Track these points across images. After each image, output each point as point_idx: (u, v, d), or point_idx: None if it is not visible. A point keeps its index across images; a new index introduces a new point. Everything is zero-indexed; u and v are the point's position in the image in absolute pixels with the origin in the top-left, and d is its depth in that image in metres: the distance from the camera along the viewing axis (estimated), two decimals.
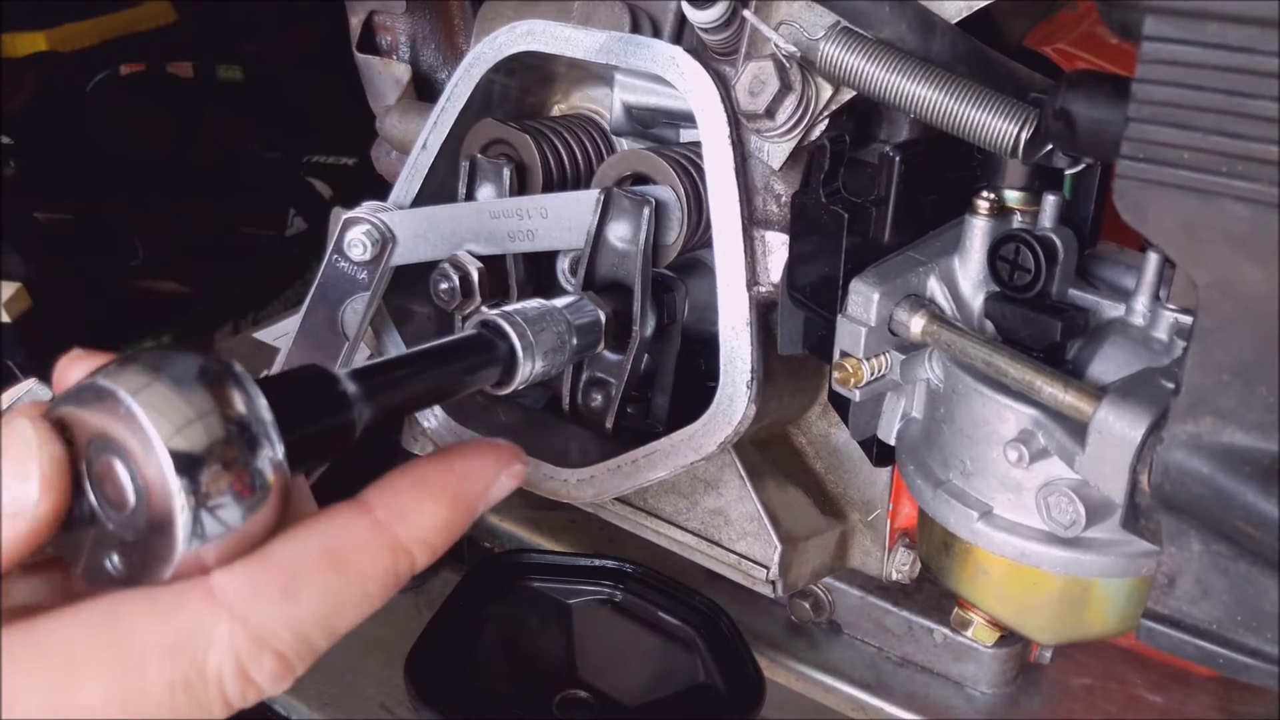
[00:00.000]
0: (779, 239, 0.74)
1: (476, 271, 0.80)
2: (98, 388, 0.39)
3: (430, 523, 0.45)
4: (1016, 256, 0.66)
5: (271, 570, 0.41)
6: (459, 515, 0.46)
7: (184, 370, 0.40)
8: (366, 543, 0.43)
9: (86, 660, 0.38)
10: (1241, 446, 0.50)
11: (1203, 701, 0.92)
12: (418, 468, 0.46)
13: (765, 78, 0.68)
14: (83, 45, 1.66)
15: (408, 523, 0.44)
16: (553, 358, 0.63)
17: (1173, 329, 0.63)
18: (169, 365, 0.40)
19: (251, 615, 0.41)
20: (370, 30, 1.00)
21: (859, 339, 0.68)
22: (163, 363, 0.40)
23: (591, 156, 0.84)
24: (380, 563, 0.44)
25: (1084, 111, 0.57)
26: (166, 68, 1.77)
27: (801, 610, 0.95)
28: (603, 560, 0.94)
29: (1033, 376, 0.61)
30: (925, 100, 0.64)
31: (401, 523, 0.44)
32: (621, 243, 0.75)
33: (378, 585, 0.44)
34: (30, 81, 1.61)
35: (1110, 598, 0.68)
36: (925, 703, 0.92)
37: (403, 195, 0.86)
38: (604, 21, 0.79)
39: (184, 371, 0.40)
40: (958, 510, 0.67)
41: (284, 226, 1.76)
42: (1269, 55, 0.43)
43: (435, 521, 0.45)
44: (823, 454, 0.90)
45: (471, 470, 0.47)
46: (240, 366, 0.41)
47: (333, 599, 0.42)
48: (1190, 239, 0.48)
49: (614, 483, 0.80)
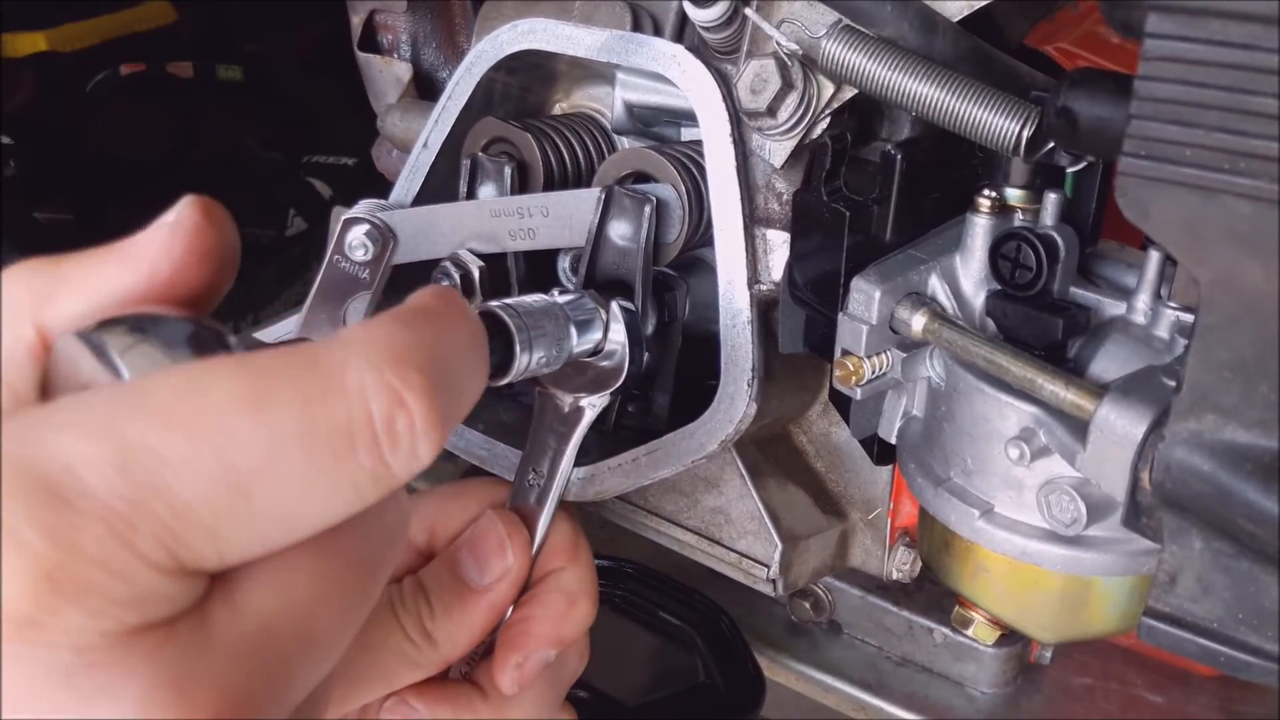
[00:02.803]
0: (780, 237, 0.74)
1: (477, 270, 0.80)
2: (89, 340, 0.39)
3: None
4: (1018, 255, 0.66)
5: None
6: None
7: (174, 334, 0.39)
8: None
9: (214, 369, 0.36)
10: (1243, 444, 0.50)
11: (1203, 701, 0.92)
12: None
13: (767, 76, 0.68)
14: (83, 45, 1.66)
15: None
16: (551, 352, 0.63)
17: (1174, 327, 0.63)
18: (158, 328, 0.39)
19: (376, 334, 0.38)
20: (371, 29, 1.00)
21: (860, 337, 0.68)
22: (152, 325, 0.39)
23: (593, 155, 0.84)
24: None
25: (1086, 109, 0.57)
26: (166, 68, 1.77)
27: (801, 610, 0.95)
28: (602, 560, 0.94)
29: (1034, 374, 0.61)
30: (927, 98, 0.64)
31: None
32: (622, 241, 0.75)
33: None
34: (30, 81, 1.61)
35: (1111, 596, 0.68)
36: (925, 703, 0.91)
37: (404, 194, 0.86)
38: (605, 20, 0.79)
39: (173, 335, 0.39)
40: (959, 509, 0.67)
41: (284, 226, 1.76)
42: (1270, 52, 0.43)
43: None
44: (823, 453, 0.90)
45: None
46: (234, 335, 0.40)
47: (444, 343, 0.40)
48: (1192, 236, 0.48)
49: (615, 481, 0.80)
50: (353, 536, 0.39)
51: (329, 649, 0.39)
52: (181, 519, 0.33)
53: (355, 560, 0.39)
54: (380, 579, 0.41)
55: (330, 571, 0.38)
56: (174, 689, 0.34)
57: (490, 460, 0.85)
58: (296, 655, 0.37)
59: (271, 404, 0.35)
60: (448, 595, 0.63)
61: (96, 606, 0.32)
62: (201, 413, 0.34)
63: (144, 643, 0.34)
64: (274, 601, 0.37)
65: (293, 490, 0.35)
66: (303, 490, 0.36)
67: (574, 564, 0.67)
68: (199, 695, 0.34)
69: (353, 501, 0.37)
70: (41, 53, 1.61)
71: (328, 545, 0.38)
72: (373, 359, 0.37)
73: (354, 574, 0.39)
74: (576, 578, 0.66)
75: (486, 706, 0.64)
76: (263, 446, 0.34)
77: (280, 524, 0.36)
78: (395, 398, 0.37)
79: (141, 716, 0.33)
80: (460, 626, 0.62)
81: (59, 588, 0.32)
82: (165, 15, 1.75)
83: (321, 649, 0.39)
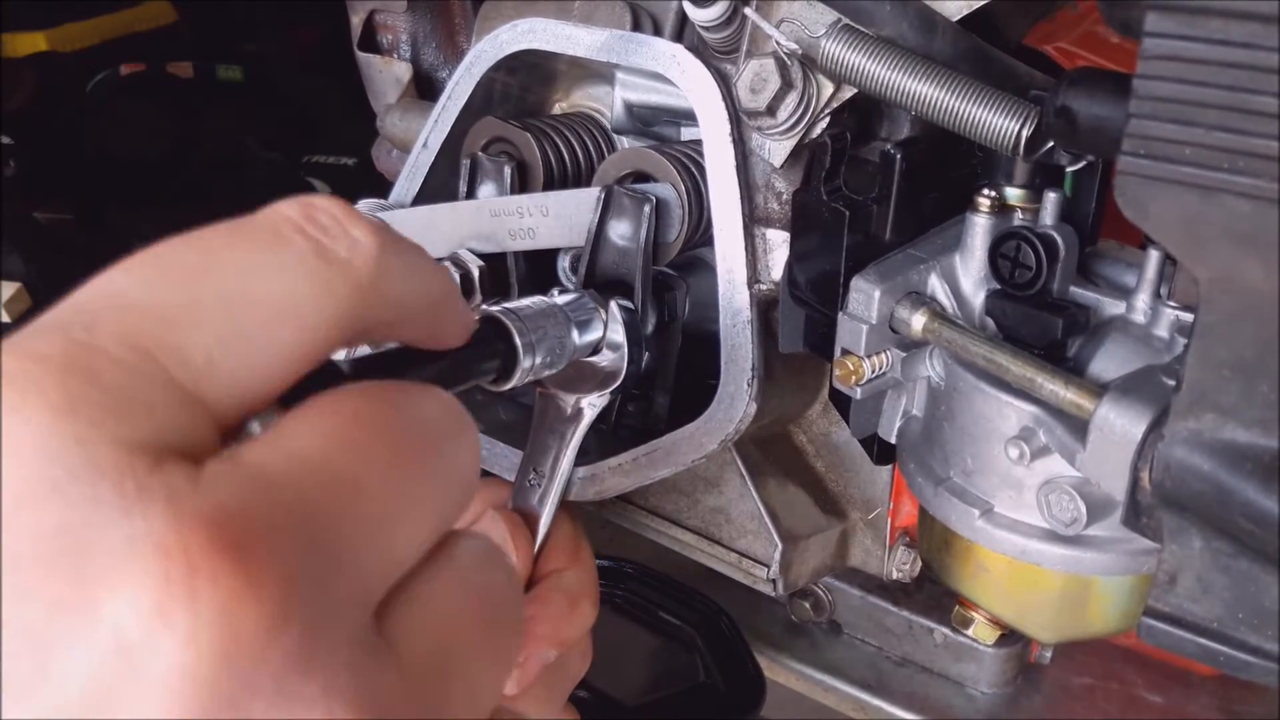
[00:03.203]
0: (780, 237, 0.74)
1: (477, 269, 0.80)
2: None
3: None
4: (1017, 254, 0.66)
5: None
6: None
7: None
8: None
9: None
10: (1242, 443, 0.50)
11: (1203, 701, 0.92)
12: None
13: (766, 75, 0.68)
14: (83, 45, 1.66)
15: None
16: (553, 354, 0.62)
17: (1173, 326, 0.63)
18: None
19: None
20: (371, 29, 1.00)
21: (860, 337, 0.68)
22: None
23: (592, 154, 0.84)
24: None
25: (1085, 108, 0.57)
26: (166, 68, 1.77)
27: (801, 610, 0.95)
28: (602, 560, 0.94)
29: (1034, 374, 0.61)
30: (926, 98, 0.64)
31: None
32: (622, 240, 0.75)
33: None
34: (30, 81, 1.61)
35: (1111, 595, 0.68)
36: (925, 703, 0.92)
37: (404, 194, 0.86)
38: (605, 20, 0.79)
39: None
40: (959, 508, 0.67)
41: None
42: (1270, 51, 0.43)
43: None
44: (823, 452, 0.90)
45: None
46: None
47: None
48: (1191, 235, 0.48)
49: (615, 481, 0.80)
50: (378, 401, 0.37)
51: (382, 511, 0.35)
52: (135, 311, 0.34)
53: (388, 423, 0.37)
54: (439, 462, 0.39)
55: (357, 428, 0.36)
56: (169, 506, 0.30)
57: (490, 460, 0.85)
58: (330, 500, 0.34)
59: (207, 237, 0.37)
60: None
61: (67, 410, 0.31)
62: (153, 259, 0.36)
63: (136, 459, 0.31)
64: (287, 446, 0.34)
65: (240, 273, 0.36)
66: (252, 271, 0.36)
67: (575, 564, 0.67)
68: (201, 517, 0.30)
69: (314, 282, 0.37)
70: (41, 53, 1.61)
71: (347, 402, 0.37)
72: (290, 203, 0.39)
73: (390, 435, 0.37)
74: (577, 578, 0.66)
75: None
76: (198, 252, 0.36)
77: (247, 308, 0.35)
78: (303, 205, 0.39)
79: (129, 529, 0.30)
80: None
81: (21, 395, 0.31)
82: (165, 15, 1.75)
83: (370, 508, 0.35)
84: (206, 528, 0.30)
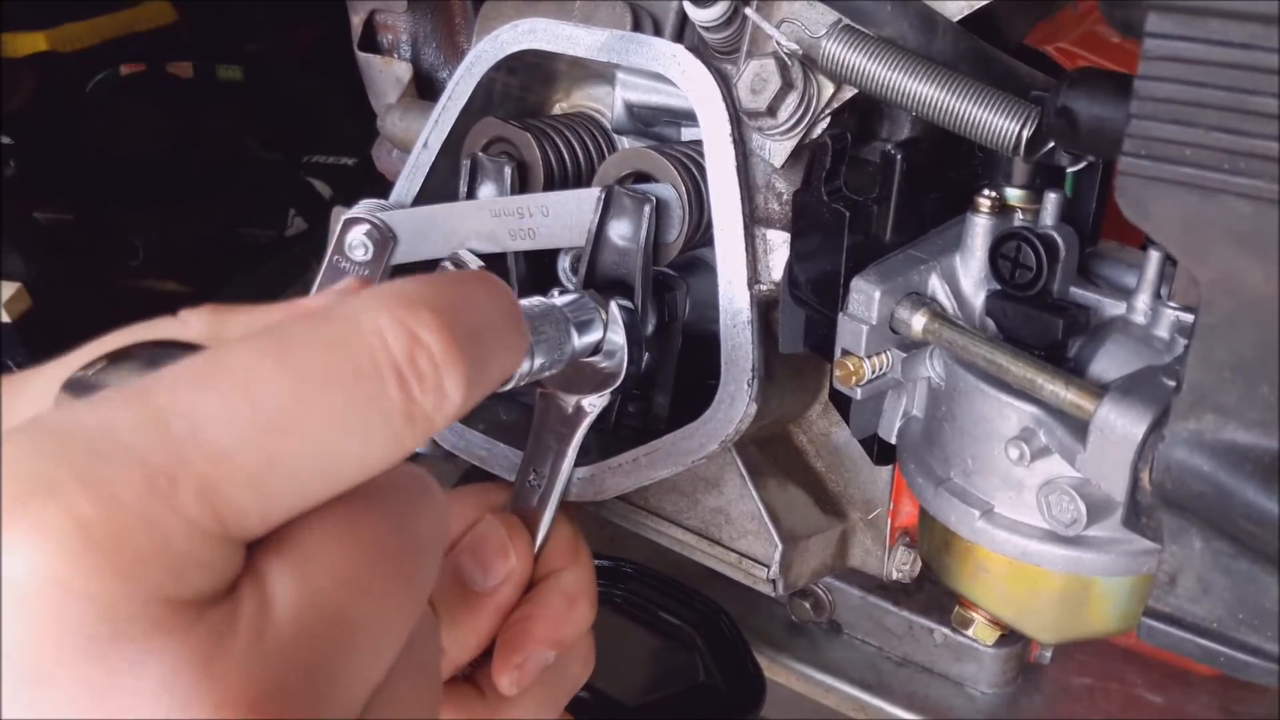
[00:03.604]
0: (780, 237, 0.74)
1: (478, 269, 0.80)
2: (88, 385, 0.39)
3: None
4: (1018, 254, 0.66)
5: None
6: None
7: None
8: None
9: (233, 340, 0.36)
10: (1243, 444, 0.50)
11: (1203, 701, 0.92)
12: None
13: (767, 76, 0.68)
14: (83, 45, 1.66)
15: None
16: (553, 355, 0.62)
17: (1174, 327, 0.63)
18: (166, 358, 0.39)
19: (387, 286, 0.38)
20: (371, 29, 1.00)
21: (860, 337, 0.68)
22: (161, 357, 0.39)
23: (593, 155, 0.84)
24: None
25: (1086, 109, 0.57)
26: (166, 68, 1.77)
27: (802, 610, 0.95)
28: (602, 560, 0.94)
29: (1034, 374, 0.61)
30: (927, 98, 0.64)
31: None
32: (622, 241, 0.75)
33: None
34: (30, 81, 1.61)
35: (1111, 596, 0.68)
36: (925, 703, 0.92)
37: (404, 194, 0.86)
38: (605, 20, 0.79)
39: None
40: (959, 509, 0.67)
41: (284, 226, 1.76)
42: (1270, 52, 0.43)
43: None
44: (824, 453, 0.90)
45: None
46: None
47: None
48: (1192, 236, 0.48)
49: (615, 481, 0.80)
50: (382, 521, 0.38)
51: (375, 645, 0.38)
52: (220, 466, 0.33)
53: (389, 549, 0.38)
54: (423, 571, 0.40)
55: (362, 558, 0.37)
56: (203, 672, 0.32)
57: (490, 460, 0.85)
58: (335, 646, 0.36)
59: (294, 351, 0.35)
60: (452, 601, 0.63)
61: (133, 569, 0.31)
62: (228, 370, 0.34)
63: (177, 618, 0.32)
64: (303, 587, 0.35)
65: (328, 430, 0.35)
66: (339, 430, 0.35)
67: (574, 565, 0.67)
68: (228, 681, 0.33)
69: (390, 444, 0.37)
70: (41, 53, 1.61)
71: (354, 530, 0.37)
72: (385, 304, 0.37)
73: (390, 563, 0.38)
74: (576, 578, 0.66)
75: (484, 707, 0.64)
76: (291, 389, 0.35)
77: (319, 468, 0.35)
78: (410, 334, 0.37)
79: (165, 696, 0.32)
80: (467, 631, 0.62)
81: (97, 545, 0.30)
82: (165, 15, 1.75)
83: (366, 644, 0.37)
84: (232, 698, 0.33)
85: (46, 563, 0.30)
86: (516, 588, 0.64)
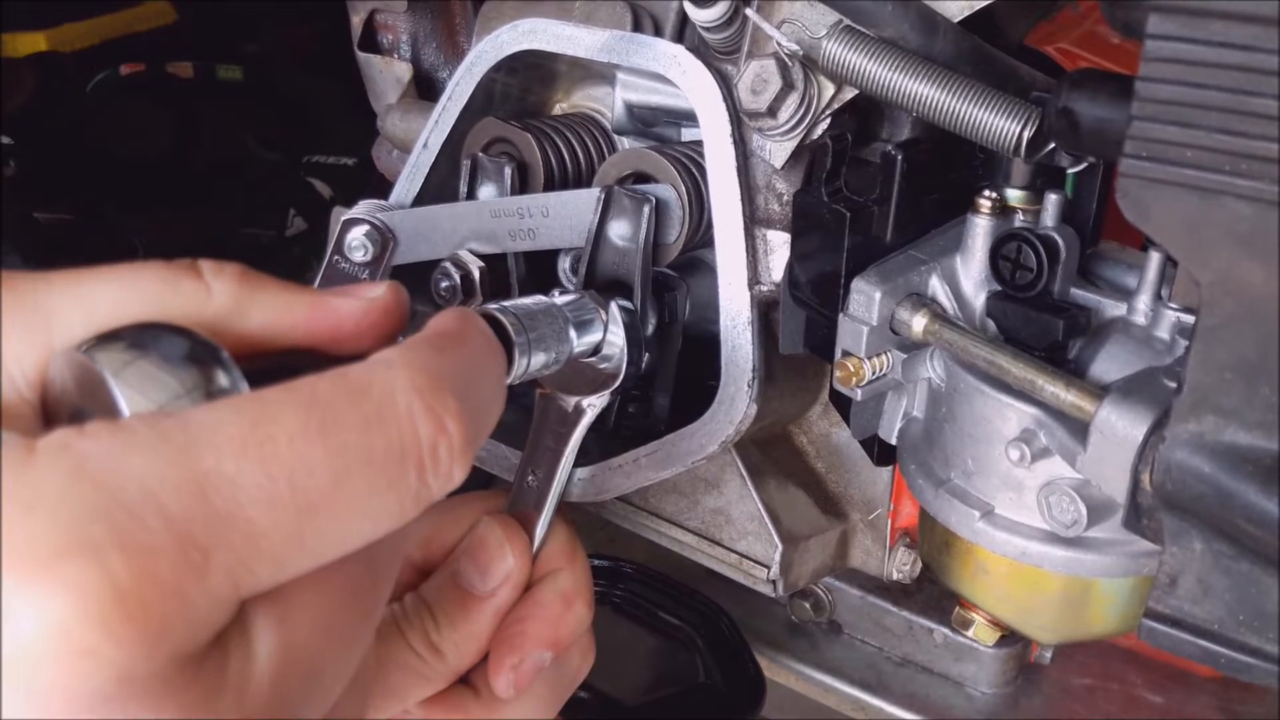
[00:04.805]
0: (781, 238, 0.74)
1: (477, 270, 0.80)
2: (80, 361, 0.39)
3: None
4: (1018, 255, 0.66)
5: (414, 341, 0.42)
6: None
7: (171, 350, 0.39)
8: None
9: (277, 400, 0.36)
10: (1243, 445, 0.50)
11: (1203, 701, 0.92)
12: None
13: (767, 76, 0.68)
14: (83, 45, 1.66)
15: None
16: (551, 354, 0.62)
17: (1175, 328, 0.63)
18: (157, 344, 0.39)
19: (415, 359, 0.40)
20: (371, 29, 1.00)
21: (861, 338, 0.68)
22: (152, 340, 0.39)
23: (593, 155, 0.84)
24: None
25: (1087, 110, 0.57)
26: (166, 68, 1.77)
27: (802, 610, 0.95)
28: (602, 560, 0.94)
29: (1034, 375, 0.61)
30: (927, 99, 0.64)
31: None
32: (622, 241, 0.75)
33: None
34: (30, 81, 1.61)
35: (1111, 597, 0.68)
36: (925, 703, 0.92)
37: (404, 194, 0.86)
38: (606, 20, 0.79)
39: (171, 351, 0.39)
40: (959, 510, 0.67)
41: (284, 226, 1.76)
42: (1271, 53, 0.43)
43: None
44: (824, 453, 0.90)
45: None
46: (226, 351, 0.40)
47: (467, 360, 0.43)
48: (1193, 237, 0.48)
49: (615, 482, 0.80)
50: (354, 564, 0.39)
51: (334, 681, 0.40)
52: (253, 545, 0.34)
53: (357, 589, 0.40)
54: (379, 603, 0.42)
55: (333, 603, 0.39)
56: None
57: (490, 460, 0.85)
58: (305, 694, 0.38)
59: (337, 430, 0.36)
60: (451, 606, 0.63)
61: (158, 637, 0.32)
62: (270, 440, 0.35)
63: (181, 676, 0.33)
64: (282, 640, 0.37)
65: (352, 512, 0.37)
66: (360, 511, 0.37)
67: (570, 566, 0.67)
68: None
69: (395, 520, 0.38)
70: (41, 53, 1.61)
71: (330, 577, 0.38)
72: (416, 383, 0.38)
73: (356, 602, 0.40)
74: (573, 579, 0.66)
75: (482, 708, 0.64)
76: (331, 471, 0.36)
77: (335, 543, 0.37)
78: (438, 423, 0.38)
79: None
80: (467, 635, 0.63)
81: (129, 615, 0.31)
82: (165, 15, 1.75)
83: (327, 681, 0.40)
84: None
85: (74, 626, 0.31)
86: (515, 590, 0.64)
